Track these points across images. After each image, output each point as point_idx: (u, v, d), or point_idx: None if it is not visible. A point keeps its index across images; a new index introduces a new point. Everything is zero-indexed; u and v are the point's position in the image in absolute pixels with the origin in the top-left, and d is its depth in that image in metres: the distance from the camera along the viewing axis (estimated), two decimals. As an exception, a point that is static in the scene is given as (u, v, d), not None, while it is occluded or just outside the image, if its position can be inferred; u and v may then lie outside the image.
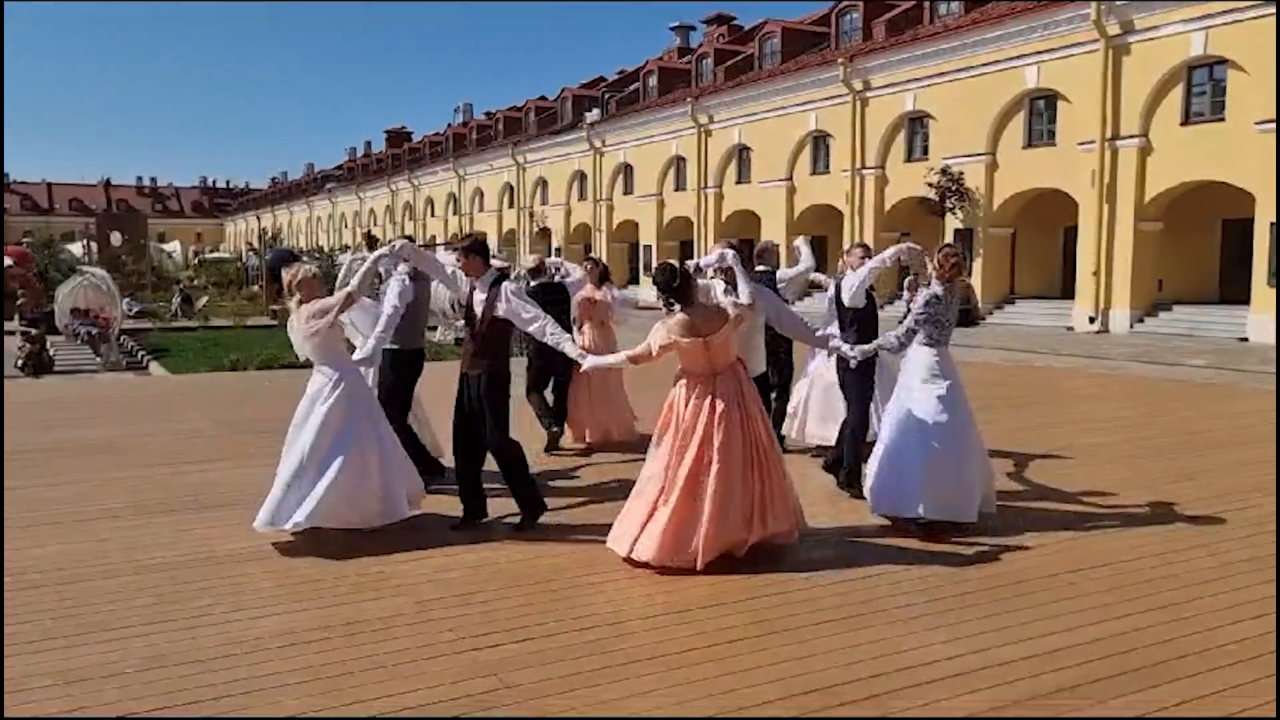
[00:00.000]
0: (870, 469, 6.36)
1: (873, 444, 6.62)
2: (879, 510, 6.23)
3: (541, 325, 5.95)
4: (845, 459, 7.00)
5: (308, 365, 6.15)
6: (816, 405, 8.35)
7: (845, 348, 6.36)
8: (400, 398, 6.92)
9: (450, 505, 6.49)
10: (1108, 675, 3.97)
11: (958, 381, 6.24)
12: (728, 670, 4.02)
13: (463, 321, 6.36)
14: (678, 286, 5.38)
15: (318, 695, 3.81)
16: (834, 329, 7.18)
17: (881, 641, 4.34)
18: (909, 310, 6.50)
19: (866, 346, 6.37)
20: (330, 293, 6.10)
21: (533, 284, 8.71)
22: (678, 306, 5.39)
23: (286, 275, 6.00)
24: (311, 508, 5.62)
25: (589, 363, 5.99)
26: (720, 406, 5.29)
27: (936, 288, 6.21)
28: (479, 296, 6.06)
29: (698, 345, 5.33)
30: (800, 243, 9.04)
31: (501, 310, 5.96)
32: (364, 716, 3.65)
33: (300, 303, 5.89)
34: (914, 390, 6.18)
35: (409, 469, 6.23)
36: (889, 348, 6.33)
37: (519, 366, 7.17)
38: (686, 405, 5.35)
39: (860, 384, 7.01)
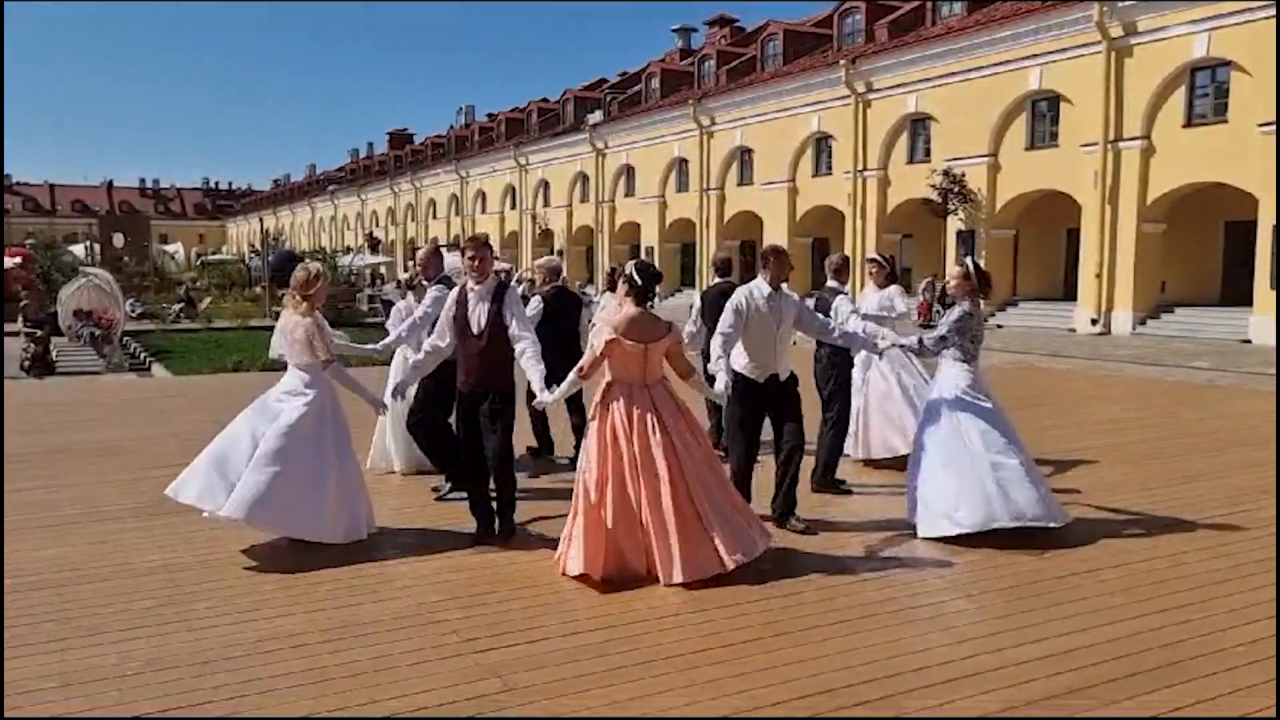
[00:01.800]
0: (919, 490, 5.97)
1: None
2: (927, 532, 5.84)
3: (524, 346, 5.58)
4: (826, 457, 7.00)
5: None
6: (877, 416, 7.94)
7: (880, 339, 6.31)
8: (442, 400, 6.44)
9: (445, 510, 6.51)
10: (1121, 676, 3.95)
11: (994, 397, 6.07)
12: (741, 670, 3.99)
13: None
14: (650, 281, 5.35)
15: (332, 695, 3.79)
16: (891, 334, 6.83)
17: (895, 642, 4.31)
18: (932, 310, 6.48)
19: (885, 344, 6.35)
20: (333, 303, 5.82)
21: (548, 288, 8.22)
22: (631, 300, 5.30)
23: (303, 274, 5.77)
24: (252, 502, 5.36)
25: (545, 398, 5.45)
26: (669, 420, 5.12)
27: (967, 304, 6.06)
28: (480, 306, 5.62)
29: (638, 350, 5.16)
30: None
31: (508, 321, 5.62)
32: (378, 717, 3.63)
33: (311, 308, 5.73)
34: (953, 406, 5.93)
35: (364, 490, 6.00)
36: (910, 346, 6.28)
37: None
38: (629, 417, 5.11)
39: (845, 386, 7.11)
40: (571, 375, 5.40)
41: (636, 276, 5.34)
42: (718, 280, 8.30)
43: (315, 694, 3.79)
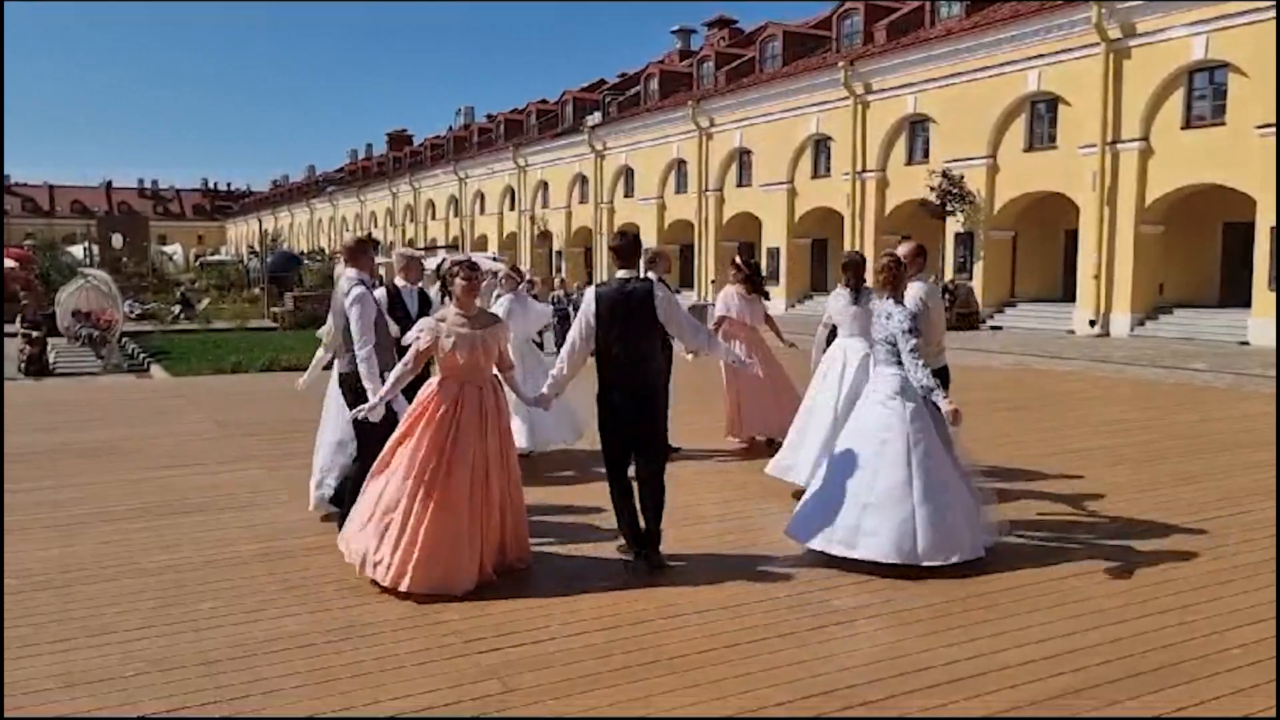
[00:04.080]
0: (814, 492, 5.65)
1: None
2: (813, 542, 5.46)
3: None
4: None
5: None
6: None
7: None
8: None
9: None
10: (1122, 676, 3.96)
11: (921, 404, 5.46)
12: (744, 671, 4.00)
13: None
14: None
15: (336, 695, 3.81)
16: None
17: (898, 642, 4.32)
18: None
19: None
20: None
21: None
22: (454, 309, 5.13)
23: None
24: None
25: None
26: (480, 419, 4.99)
27: (920, 294, 5.86)
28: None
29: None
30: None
31: None
32: (382, 717, 3.64)
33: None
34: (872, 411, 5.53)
35: None
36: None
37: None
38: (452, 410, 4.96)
39: None
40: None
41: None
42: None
43: (320, 694, 3.81)
